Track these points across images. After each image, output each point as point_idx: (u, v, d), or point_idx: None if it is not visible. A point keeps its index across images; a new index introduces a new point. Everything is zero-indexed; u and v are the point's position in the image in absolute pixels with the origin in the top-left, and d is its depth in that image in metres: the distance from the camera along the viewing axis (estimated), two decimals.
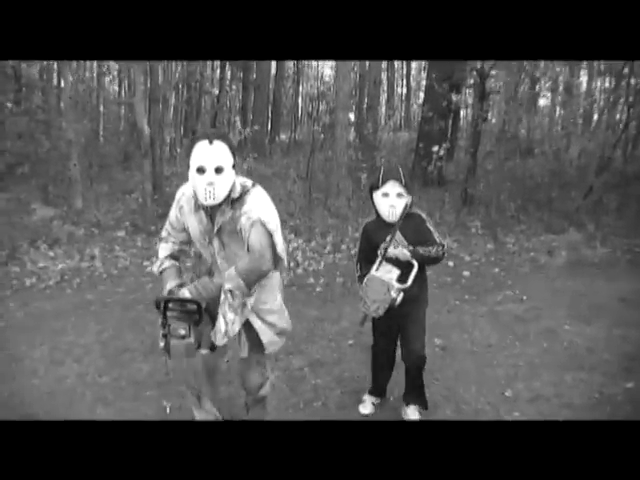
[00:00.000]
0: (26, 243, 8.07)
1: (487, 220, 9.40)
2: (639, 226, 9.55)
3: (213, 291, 3.09)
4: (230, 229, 3.12)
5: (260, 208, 3.07)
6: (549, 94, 15.99)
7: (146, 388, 4.50)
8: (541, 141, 11.43)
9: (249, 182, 3.18)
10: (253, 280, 3.10)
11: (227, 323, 3.13)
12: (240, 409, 3.82)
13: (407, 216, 3.67)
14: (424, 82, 13.78)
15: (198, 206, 3.17)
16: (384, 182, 3.64)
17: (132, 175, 12.66)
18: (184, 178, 3.20)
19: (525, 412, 4.16)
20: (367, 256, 3.79)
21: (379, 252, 3.62)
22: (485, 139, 11.93)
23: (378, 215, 3.76)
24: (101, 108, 19.98)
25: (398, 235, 3.67)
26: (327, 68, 27.97)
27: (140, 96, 8.67)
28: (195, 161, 3.00)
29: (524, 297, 6.54)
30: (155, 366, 4.80)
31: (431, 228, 3.74)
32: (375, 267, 3.58)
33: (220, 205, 3.10)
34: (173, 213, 3.33)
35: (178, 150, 11.06)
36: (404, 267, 3.58)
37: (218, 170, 2.98)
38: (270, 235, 3.06)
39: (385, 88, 30.45)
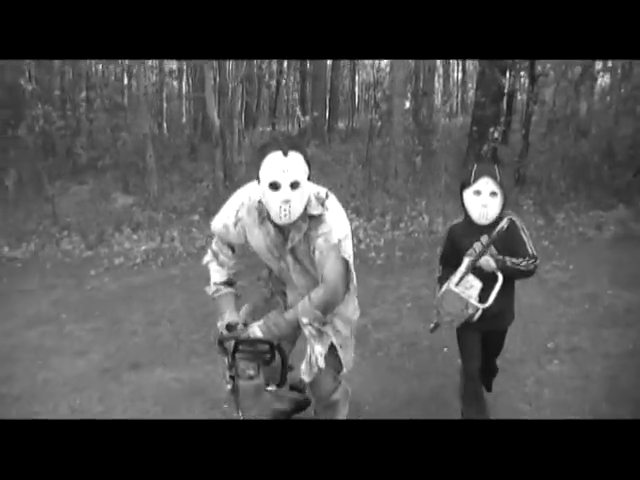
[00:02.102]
0: (111, 228, 8.90)
1: (538, 198, 9.83)
2: None
3: (285, 328, 2.93)
4: (304, 247, 2.91)
5: (340, 230, 2.86)
6: (606, 75, 16.21)
7: None
8: (593, 121, 11.74)
9: (323, 192, 2.93)
10: (328, 311, 2.96)
11: (317, 356, 3.03)
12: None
13: (499, 220, 3.33)
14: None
15: (263, 218, 2.93)
16: (476, 179, 3.32)
17: (200, 166, 13.42)
18: (251, 166, 3.38)
19: (563, 361, 4.73)
20: (449, 260, 3.50)
21: (464, 263, 3.32)
22: (540, 121, 12.32)
23: (466, 216, 3.44)
24: (164, 104, 20.91)
25: (486, 241, 3.32)
26: None
27: (210, 90, 9.41)
28: (268, 176, 2.73)
29: (570, 266, 7.02)
30: None
31: (525, 237, 3.37)
32: (456, 280, 3.30)
33: (296, 220, 2.85)
34: (222, 223, 3.07)
35: (245, 139, 11.77)
36: (487, 279, 3.29)
37: (294, 185, 2.72)
38: (347, 262, 2.89)
39: (441, 73, 30.79)
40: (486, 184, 3.30)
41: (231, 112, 10.30)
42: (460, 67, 33.23)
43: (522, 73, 11.69)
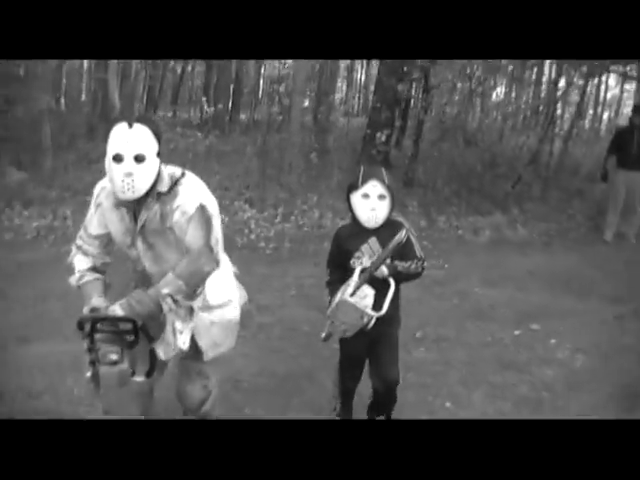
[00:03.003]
0: (2, 203, 8.81)
1: (423, 200, 10.43)
2: (557, 213, 10.78)
3: (149, 305, 2.64)
4: (156, 227, 2.75)
5: (196, 199, 2.73)
6: (498, 89, 17.21)
7: None
8: (480, 133, 12.52)
9: (178, 171, 2.80)
10: (195, 282, 2.74)
11: (175, 333, 2.85)
12: None
13: (387, 224, 3.36)
14: None
15: (119, 201, 2.74)
16: (364, 182, 3.30)
17: (96, 145, 13.31)
18: None
19: (429, 349, 5.20)
20: (337, 263, 3.50)
21: (357, 273, 3.28)
22: (433, 128, 13.00)
23: (354, 219, 3.41)
24: (64, 80, 20.45)
25: (375, 246, 3.35)
26: None
27: (113, 72, 9.46)
28: (111, 148, 2.60)
29: (446, 265, 7.58)
30: None
31: (413, 240, 3.40)
32: (351, 291, 3.24)
33: (145, 199, 2.71)
34: (89, 213, 2.91)
35: None
36: (379, 286, 3.26)
37: (138, 159, 2.58)
38: (210, 229, 2.73)
39: (345, 75, 31.47)
40: (374, 187, 3.28)
41: (132, 95, 10.35)
42: (364, 70, 34.02)
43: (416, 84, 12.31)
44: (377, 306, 3.24)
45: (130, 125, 2.60)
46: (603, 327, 5.94)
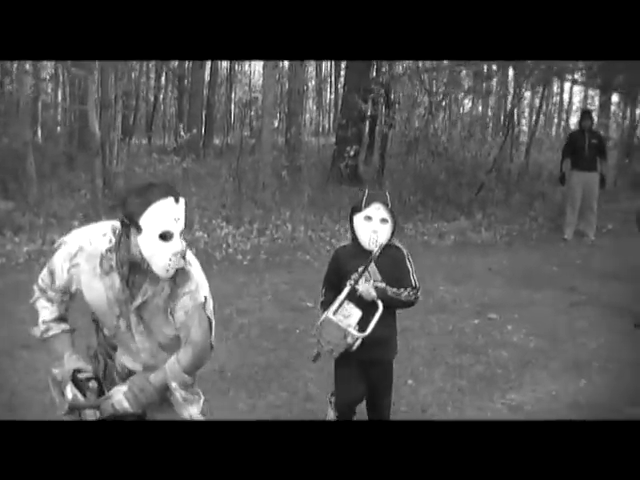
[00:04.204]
0: None
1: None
2: (518, 215, 11.41)
3: (153, 395, 2.59)
4: (156, 304, 2.59)
5: (204, 288, 2.64)
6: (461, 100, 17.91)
7: None
8: (443, 144, 13.13)
9: (183, 243, 2.57)
10: (194, 373, 2.68)
11: (196, 417, 2.73)
12: None
13: (386, 247, 3.35)
14: None
15: (110, 268, 2.55)
16: (367, 204, 3.31)
17: (77, 175, 13.74)
18: (131, 176, 3.21)
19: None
20: (333, 284, 3.48)
21: (345, 293, 3.27)
22: (399, 142, 13.62)
23: (354, 240, 3.43)
24: (39, 112, 20.85)
25: (372, 267, 3.33)
26: (257, 75, 29.30)
27: (92, 103, 9.97)
28: (157, 225, 2.41)
29: None
30: None
31: (409, 267, 3.41)
32: (334, 308, 3.25)
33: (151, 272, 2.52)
34: (60, 265, 2.59)
35: (124, 150, 12.30)
36: (367, 307, 3.25)
37: (182, 234, 2.50)
38: (210, 322, 2.65)
39: (315, 94, 32.19)
40: (377, 210, 3.28)
41: (111, 124, 10.87)
42: (333, 89, 34.72)
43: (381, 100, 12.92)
44: (363, 327, 3.21)
45: (177, 200, 2.45)
46: (557, 314, 6.53)
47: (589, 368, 5.15)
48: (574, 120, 27.99)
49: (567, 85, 25.78)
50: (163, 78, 25.25)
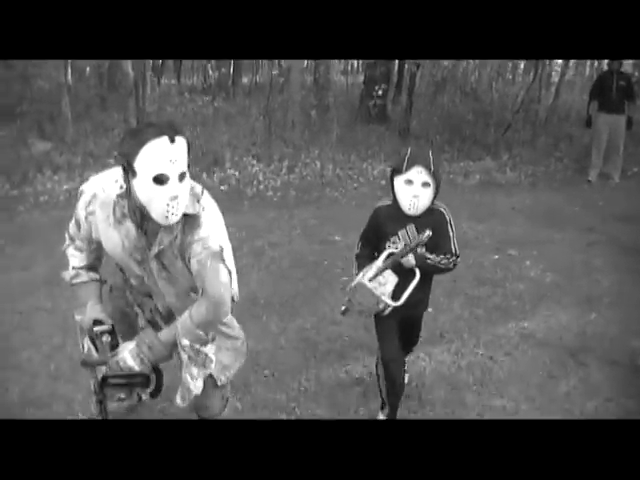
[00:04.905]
0: (33, 170, 9.59)
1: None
2: (544, 156, 11.52)
3: (162, 351, 2.53)
4: (174, 252, 2.49)
5: (219, 234, 2.49)
6: None
7: None
8: (469, 84, 13.21)
9: (198, 187, 2.50)
10: (212, 329, 2.62)
11: (192, 381, 2.67)
12: None
13: (428, 210, 3.20)
14: None
15: (123, 215, 2.45)
16: (409, 167, 3.10)
17: (110, 115, 14.03)
18: (163, 115, 3.20)
19: None
20: (371, 241, 3.40)
21: (382, 258, 3.18)
22: (424, 82, 13.71)
23: (395, 201, 3.25)
24: None
25: (413, 233, 3.20)
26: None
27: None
28: (151, 167, 2.25)
29: None
30: None
31: (451, 232, 3.25)
32: (371, 275, 3.14)
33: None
34: (80, 214, 2.55)
35: (156, 90, 12.53)
36: (404, 274, 3.14)
37: (181, 177, 2.30)
38: (229, 272, 2.49)
39: None
40: (419, 174, 3.10)
41: (145, 64, 11.10)
42: None
43: None
44: (397, 294, 3.13)
45: (172, 140, 2.26)
46: (575, 253, 6.76)
47: (600, 303, 5.42)
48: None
49: None
50: None
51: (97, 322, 2.60)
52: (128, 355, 2.48)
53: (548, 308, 5.30)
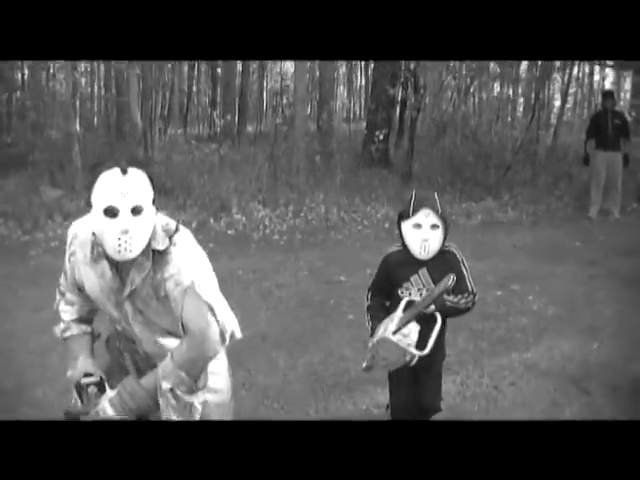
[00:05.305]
0: (44, 216, 9.82)
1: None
2: (545, 195, 11.73)
3: (144, 399, 2.36)
4: (148, 293, 2.36)
5: (192, 268, 2.34)
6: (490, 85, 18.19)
7: None
8: (469, 127, 13.50)
9: (172, 223, 2.40)
10: (199, 370, 2.38)
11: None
12: None
13: (439, 252, 3.13)
14: None
15: (99, 254, 2.36)
16: (415, 211, 3.04)
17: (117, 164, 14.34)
18: (170, 164, 3.24)
19: None
20: (382, 290, 3.31)
21: (402, 307, 3.04)
22: (429, 125, 14.02)
23: (404, 246, 3.17)
24: (77, 105, 21.60)
25: (426, 277, 3.13)
26: (288, 64, 29.76)
27: (134, 94, 10.55)
28: (102, 199, 2.18)
29: None
30: None
31: (465, 272, 3.19)
32: (393, 328, 2.98)
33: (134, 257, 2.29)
34: (65, 258, 2.53)
35: (164, 138, 12.88)
36: (425, 321, 3.00)
37: (135, 211, 2.19)
38: (209, 305, 2.32)
39: (345, 81, 32.62)
40: (426, 217, 3.04)
41: (151, 114, 11.44)
42: (363, 76, 35.03)
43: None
44: (421, 342, 2.96)
45: (124, 171, 2.19)
46: (577, 286, 6.89)
47: (602, 332, 5.52)
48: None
49: (597, 67, 25.76)
50: (195, 69, 25.92)
51: (87, 375, 2.49)
52: (107, 404, 2.37)
53: (551, 339, 5.41)
